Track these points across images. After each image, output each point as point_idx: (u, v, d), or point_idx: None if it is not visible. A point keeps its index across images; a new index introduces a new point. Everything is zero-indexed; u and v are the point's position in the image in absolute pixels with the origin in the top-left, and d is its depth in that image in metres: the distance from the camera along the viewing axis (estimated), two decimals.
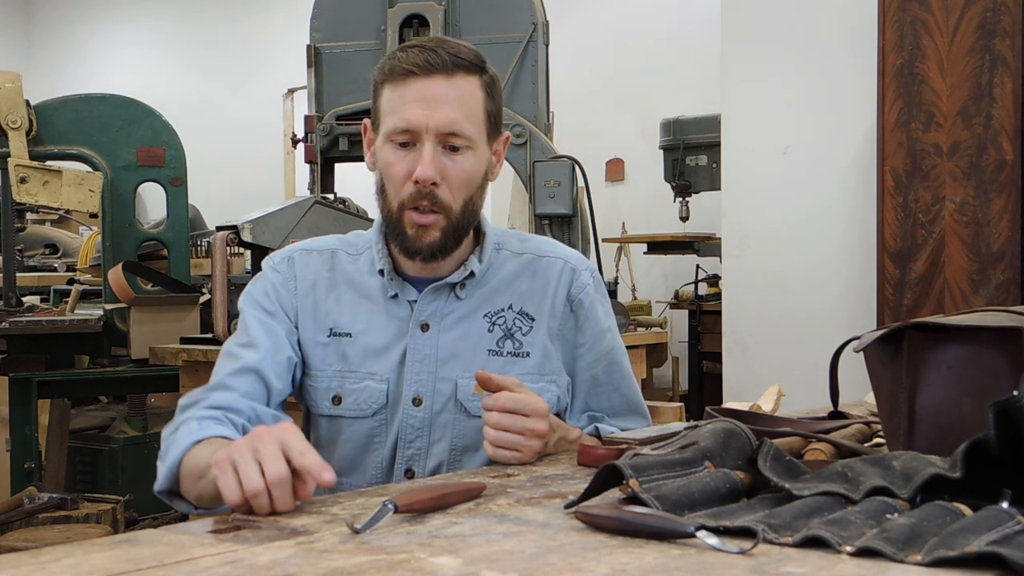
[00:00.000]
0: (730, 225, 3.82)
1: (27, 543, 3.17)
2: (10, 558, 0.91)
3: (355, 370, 1.57)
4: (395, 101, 1.50)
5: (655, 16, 6.56)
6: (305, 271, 1.61)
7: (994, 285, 2.92)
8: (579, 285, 1.63)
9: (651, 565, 0.88)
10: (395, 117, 1.50)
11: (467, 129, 1.51)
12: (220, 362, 1.56)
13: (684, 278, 5.62)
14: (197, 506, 1.38)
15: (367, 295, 1.59)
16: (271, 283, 1.61)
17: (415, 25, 3.61)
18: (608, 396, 1.67)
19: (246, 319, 1.58)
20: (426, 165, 1.48)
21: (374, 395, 1.56)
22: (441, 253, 1.54)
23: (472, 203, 1.55)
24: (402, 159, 1.50)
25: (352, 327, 1.58)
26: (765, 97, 3.71)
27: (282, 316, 1.58)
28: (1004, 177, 2.92)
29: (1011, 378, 1.11)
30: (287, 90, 8.38)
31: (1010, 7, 2.90)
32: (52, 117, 3.97)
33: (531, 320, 1.60)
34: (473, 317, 1.58)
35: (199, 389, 1.51)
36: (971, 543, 0.87)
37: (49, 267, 5.81)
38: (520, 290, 1.61)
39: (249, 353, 1.53)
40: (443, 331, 1.57)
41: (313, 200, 3.06)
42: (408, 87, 1.49)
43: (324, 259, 1.63)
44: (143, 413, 4.35)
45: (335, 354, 1.58)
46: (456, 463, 1.57)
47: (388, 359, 1.57)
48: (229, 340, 1.59)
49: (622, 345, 1.71)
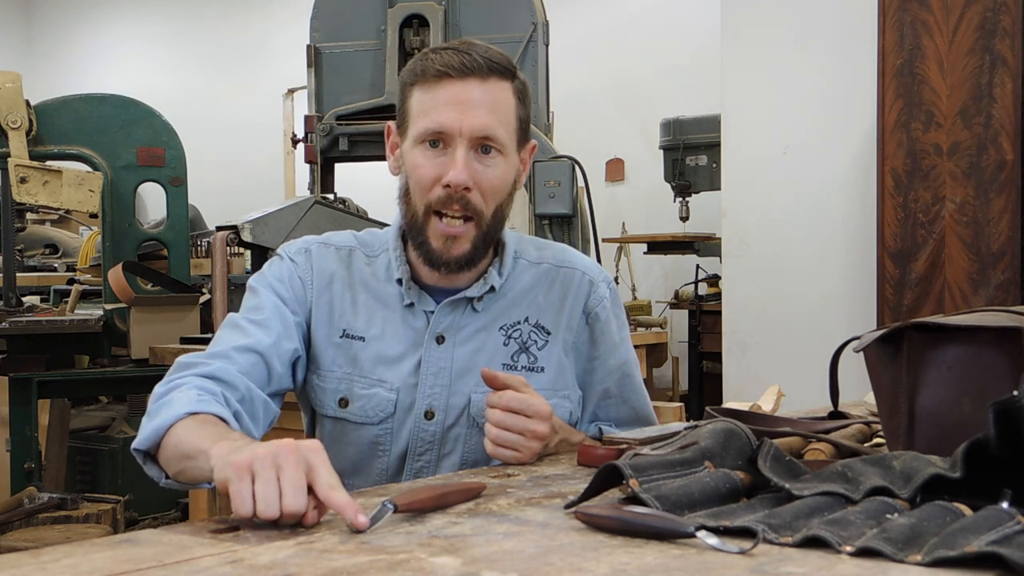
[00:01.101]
0: (730, 225, 3.83)
1: (27, 543, 3.17)
2: (10, 558, 0.91)
3: (365, 375, 1.54)
4: (427, 103, 1.47)
5: (655, 16, 6.56)
6: (323, 265, 1.57)
7: (994, 285, 2.92)
8: (596, 298, 1.62)
9: (651, 565, 0.88)
10: (427, 119, 1.46)
11: (500, 134, 1.48)
12: (225, 331, 1.50)
13: (684, 278, 5.62)
14: (169, 478, 1.31)
15: (383, 301, 1.56)
16: (288, 271, 1.56)
17: (415, 25, 3.61)
18: (617, 408, 1.66)
19: (260, 297, 1.53)
20: (459, 169, 1.44)
21: (382, 403, 1.53)
22: (469, 265, 1.51)
23: (501, 211, 1.52)
24: (432, 161, 1.47)
25: (366, 331, 1.54)
26: (765, 97, 3.71)
27: (295, 306, 1.54)
28: (1004, 177, 2.92)
29: (1011, 378, 1.11)
30: (287, 90, 8.38)
31: (1010, 7, 2.90)
32: (52, 117, 3.97)
33: (547, 334, 1.58)
34: (489, 330, 1.56)
35: (200, 353, 1.46)
36: (971, 543, 0.87)
37: (49, 267, 5.80)
38: (537, 302, 1.59)
39: (259, 332, 1.49)
40: (458, 344, 1.54)
41: (313, 200, 3.06)
42: (441, 89, 1.46)
43: (342, 256, 1.59)
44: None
45: (345, 356, 1.54)
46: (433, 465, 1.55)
47: (401, 369, 1.54)
48: (237, 313, 1.54)
49: (635, 356, 1.69)
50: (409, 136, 1.50)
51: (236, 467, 1.05)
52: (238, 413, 1.38)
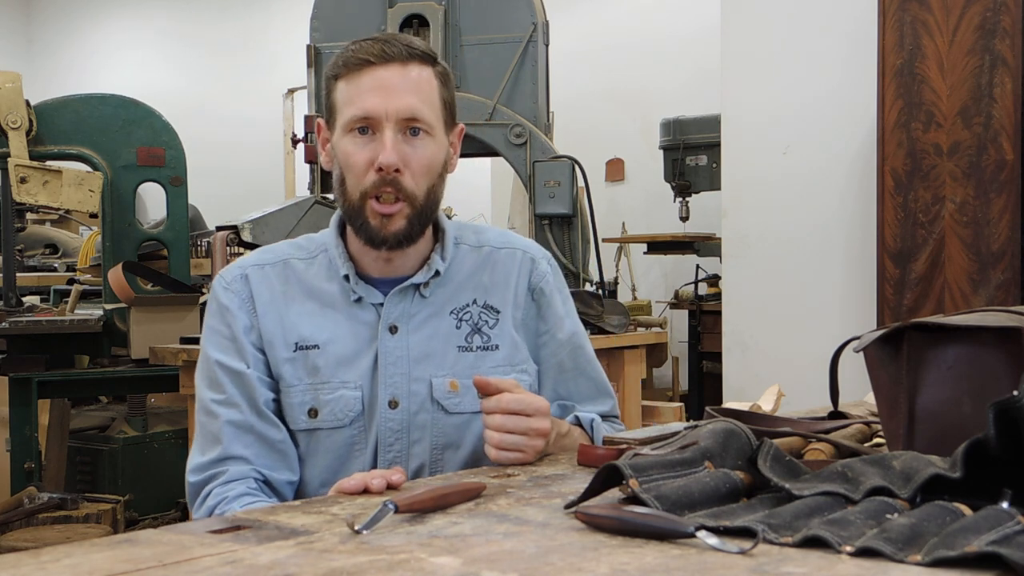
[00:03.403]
0: (730, 225, 3.83)
1: (27, 543, 3.17)
2: (10, 558, 0.90)
3: (327, 380, 1.54)
4: (351, 92, 1.50)
5: (655, 16, 6.56)
6: (260, 288, 1.57)
7: (994, 285, 2.92)
8: (539, 274, 1.65)
9: (651, 565, 0.88)
10: (353, 107, 1.49)
11: (426, 114, 1.51)
12: (204, 417, 1.54)
13: (684, 278, 5.62)
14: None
15: (328, 303, 1.57)
16: (227, 309, 1.57)
17: (415, 25, 3.61)
18: (575, 381, 1.67)
19: (214, 369, 1.55)
20: (388, 151, 1.47)
21: (350, 403, 1.54)
22: (407, 241, 1.53)
23: (434, 191, 1.55)
24: (362, 148, 1.50)
25: (318, 338, 1.55)
26: (765, 97, 3.71)
27: (245, 350, 1.55)
28: (1004, 177, 2.92)
29: (1011, 378, 1.11)
30: (287, 90, 8.39)
31: (1010, 7, 2.90)
32: (52, 117, 3.97)
33: (496, 312, 1.61)
34: (440, 315, 1.58)
35: (204, 458, 1.51)
36: (971, 543, 0.87)
37: (49, 267, 5.80)
38: (482, 283, 1.61)
39: (231, 413, 1.52)
40: (412, 332, 1.56)
41: (313, 200, 3.06)
42: (364, 77, 1.49)
43: (277, 271, 1.59)
44: (143, 413, 4.35)
45: (304, 367, 1.55)
46: (438, 462, 1.56)
47: (359, 365, 1.55)
48: (204, 390, 1.56)
49: (583, 329, 1.72)
50: (338, 127, 1.53)
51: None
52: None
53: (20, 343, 4.04)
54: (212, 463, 1.51)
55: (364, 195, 1.50)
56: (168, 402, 4.56)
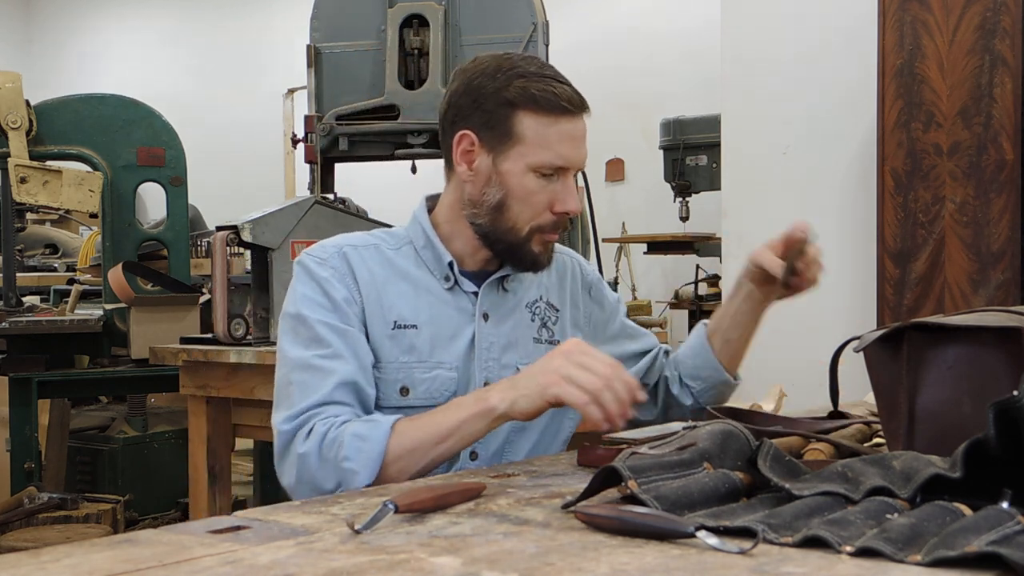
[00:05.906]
0: (730, 225, 3.82)
1: (27, 543, 3.17)
2: (10, 558, 0.90)
3: (424, 360, 1.60)
4: (549, 135, 1.56)
5: (655, 16, 6.56)
6: (360, 266, 1.61)
7: (994, 285, 2.92)
8: (587, 273, 1.84)
9: (651, 565, 0.88)
10: (550, 152, 1.56)
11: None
12: (304, 374, 1.52)
13: (684, 278, 5.62)
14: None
15: (423, 287, 1.63)
16: (326, 280, 1.58)
17: (415, 25, 3.61)
18: (635, 330, 1.90)
19: (316, 328, 1.54)
20: (575, 202, 1.59)
21: (445, 383, 1.60)
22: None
23: None
24: (543, 189, 1.57)
25: (416, 318, 1.60)
26: (765, 97, 3.70)
27: (348, 315, 1.57)
28: (1004, 177, 2.92)
29: (1011, 378, 1.11)
30: (287, 90, 8.38)
31: (1010, 7, 2.90)
32: (52, 117, 3.97)
33: (556, 311, 1.74)
34: (518, 308, 1.69)
35: (302, 404, 1.49)
36: (971, 543, 0.87)
37: (49, 267, 5.80)
38: (544, 283, 1.74)
39: (338, 364, 1.52)
40: (499, 321, 1.66)
41: (313, 200, 3.05)
42: (562, 124, 1.56)
43: (371, 253, 1.63)
44: (143, 413, 4.34)
45: (401, 346, 1.59)
46: (511, 443, 1.64)
47: (456, 348, 1.61)
48: (300, 350, 1.54)
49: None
50: (516, 157, 1.57)
51: (550, 382, 1.35)
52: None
53: (20, 343, 4.04)
54: (311, 407, 1.49)
55: (536, 229, 1.60)
56: (168, 402, 4.56)
